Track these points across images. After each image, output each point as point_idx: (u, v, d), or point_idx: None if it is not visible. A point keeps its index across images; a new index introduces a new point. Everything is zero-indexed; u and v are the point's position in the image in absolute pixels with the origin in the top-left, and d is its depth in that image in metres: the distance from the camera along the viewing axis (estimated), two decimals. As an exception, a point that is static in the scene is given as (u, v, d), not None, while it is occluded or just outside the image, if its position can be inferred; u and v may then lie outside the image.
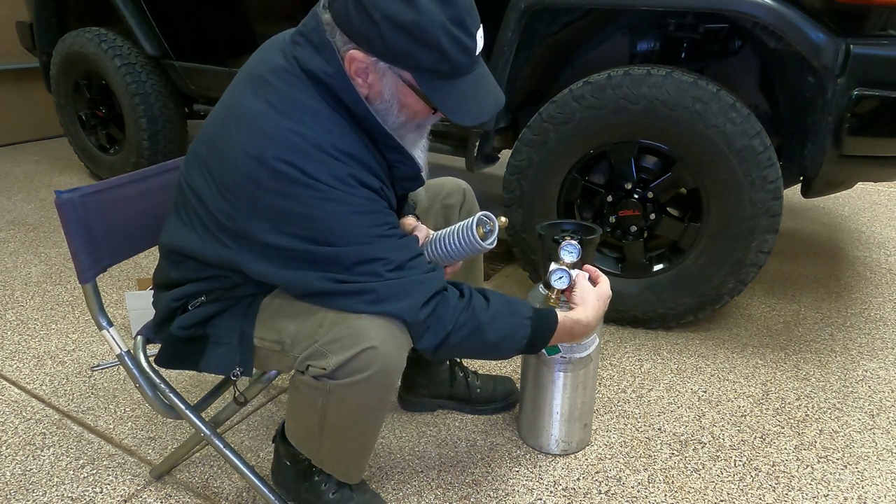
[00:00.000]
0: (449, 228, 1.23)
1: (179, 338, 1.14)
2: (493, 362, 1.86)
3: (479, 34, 0.98)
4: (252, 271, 1.04)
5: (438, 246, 1.23)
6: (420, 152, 1.13)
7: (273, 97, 0.99)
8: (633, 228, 1.95)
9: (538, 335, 1.13)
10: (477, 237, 1.19)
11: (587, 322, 1.20)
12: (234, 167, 0.99)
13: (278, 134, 0.96)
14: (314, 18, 1.00)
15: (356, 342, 0.99)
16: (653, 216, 1.93)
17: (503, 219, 1.24)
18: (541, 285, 1.44)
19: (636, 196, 1.92)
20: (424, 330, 1.04)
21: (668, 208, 1.95)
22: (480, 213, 1.21)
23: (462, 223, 1.22)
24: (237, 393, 1.28)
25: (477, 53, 0.98)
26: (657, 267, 1.98)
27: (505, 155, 2.25)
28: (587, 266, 1.31)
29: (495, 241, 1.23)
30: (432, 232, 1.28)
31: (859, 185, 3.59)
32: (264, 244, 1.00)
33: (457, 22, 0.92)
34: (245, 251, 1.03)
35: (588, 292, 1.24)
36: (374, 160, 1.03)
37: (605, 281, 1.28)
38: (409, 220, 1.31)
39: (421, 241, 1.24)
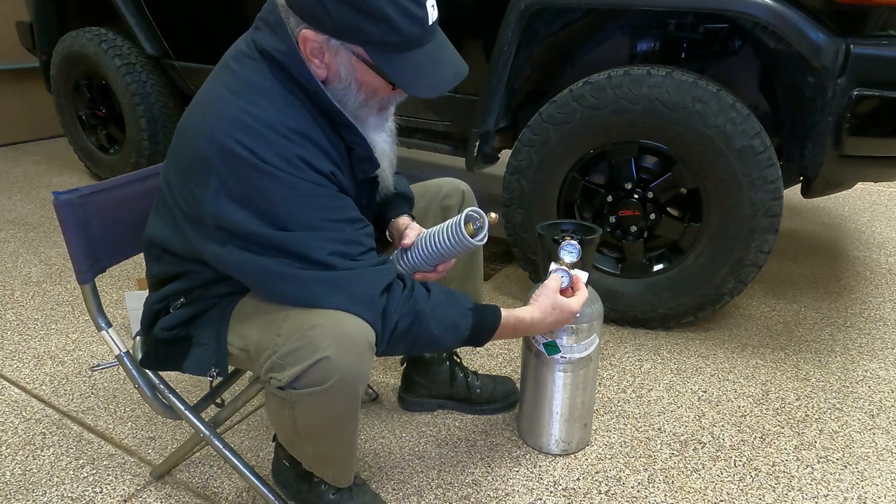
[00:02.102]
0: (438, 226, 1.21)
1: (163, 339, 1.14)
2: (493, 362, 1.86)
3: (431, 2, 0.96)
4: (211, 257, 1.04)
5: (428, 244, 1.21)
6: (385, 135, 1.11)
7: (229, 80, 1.00)
8: (633, 228, 1.95)
9: (480, 328, 1.13)
10: (466, 234, 1.17)
11: (531, 322, 1.21)
12: (190, 149, 1.00)
13: (228, 113, 0.96)
14: (270, 2, 1.01)
15: (310, 354, 0.97)
16: (653, 216, 1.93)
17: (493, 214, 1.21)
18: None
19: (636, 196, 1.92)
20: (380, 324, 1.02)
21: (668, 208, 1.95)
22: (469, 209, 1.19)
23: (451, 220, 1.20)
24: (216, 396, 1.29)
25: (430, 23, 0.97)
26: (657, 267, 1.98)
27: (505, 155, 2.25)
28: (576, 275, 1.30)
29: (485, 238, 1.21)
30: (423, 229, 1.27)
31: (859, 185, 3.59)
32: (217, 226, 0.99)
33: None
34: (204, 237, 1.03)
35: (546, 296, 1.24)
36: (329, 142, 1.02)
37: (580, 294, 1.29)
38: (404, 220, 1.30)
39: (412, 239, 1.23)
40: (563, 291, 1.29)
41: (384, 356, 1.40)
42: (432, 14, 0.97)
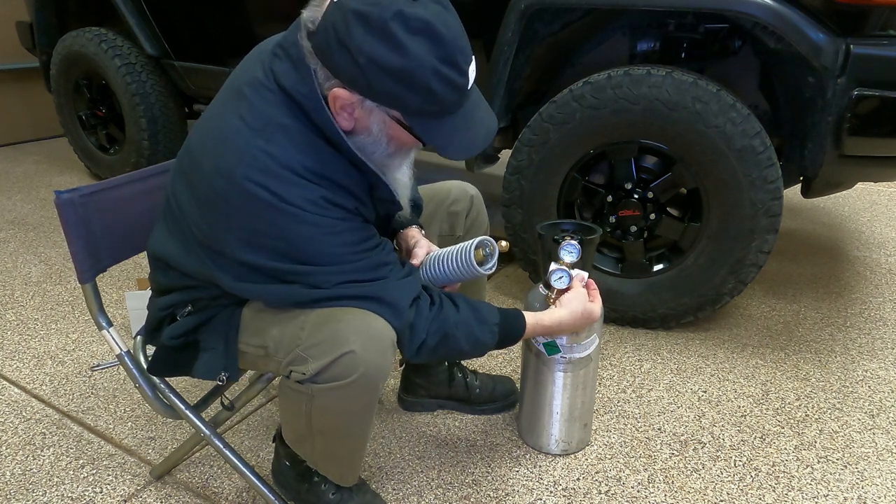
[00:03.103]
0: (448, 249, 1.22)
1: (171, 347, 1.14)
2: (493, 362, 1.86)
3: (472, 68, 0.94)
4: (230, 288, 1.04)
5: (435, 266, 1.23)
6: (406, 169, 1.11)
7: (247, 113, 0.96)
8: (633, 228, 1.95)
9: (505, 341, 1.18)
10: (474, 262, 1.19)
11: (554, 326, 1.24)
12: (207, 184, 0.98)
13: (248, 153, 0.94)
14: (294, 32, 0.96)
15: (335, 347, 0.97)
16: (653, 216, 1.93)
17: (504, 243, 1.25)
18: (541, 285, 1.44)
19: (636, 196, 1.92)
20: (408, 335, 1.05)
21: (668, 208, 1.95)
22: (480, 237, 1.20)
23: (462, 245, 1.21)
24: (226, 400, 1.29)
25: (469, 87, 0.95)
26: (657, 267, 1.98)
27: (505, 155, 2.25)
28: (590, 282, 1.33)
29: (494, 267, 1.23)
30: (434, 248, 1.27)
31: (859, 185, 3.59)
32: (240, 262, 1.00)
33: (448, 62, 0.88)
34: (222, 268, 1.03)
35: (576, 301, 1.27)
36: (351, 179, 1.00)
37: (599, 302, 1.32)
38: (412, 233, 1.30)
39: (420, 259, 1.24)
40: (563, 291, 1.29)
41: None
42: (472, 78, 0.95)
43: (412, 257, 1.25)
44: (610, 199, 1.94)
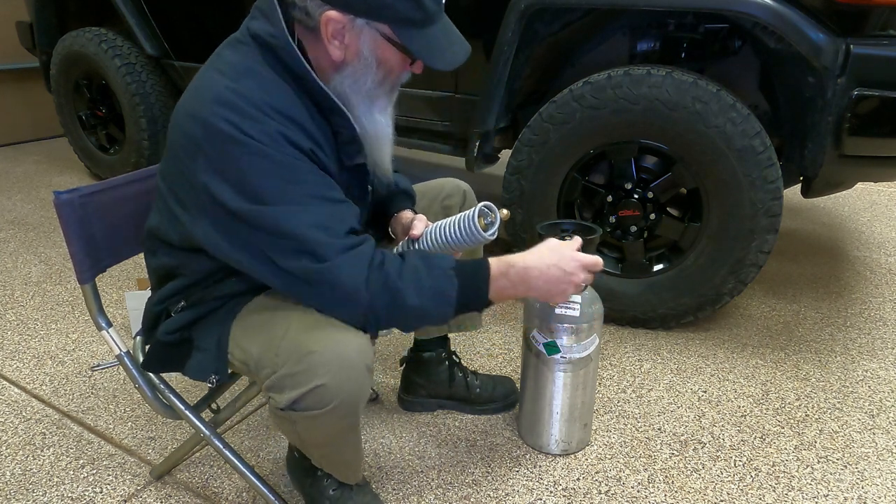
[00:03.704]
0: (450, 218, 1.22)
1: (165, 343, 1.14)
2: (493, 362, 1.86)
3: None
4: (202, 236, 1.03)
5: (439, 234, 1.21)
6: (388, 118, 1.12)
7: (221, 64, 1.03)
8: (633, 228, 1.95)
9: (470, 287, 1.04)
10: (478, 227, 1.17)
11: (524, 266, 1.06)
12: (179, 130, 1.02)
13: (215, 91, 0.98)
14: None
15: (307, 380, 0.97)
16: (653, 216, 1.93)
17: (504, 211, 1.22)
18: (541, 285, 1.44)
19: (636, 196, 1.92)
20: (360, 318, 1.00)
21: (668, 208, 1.95)
22: (482, 203, 1.20)
23: (464, 213, 1.20)
24: (214, 404, 1.29)
25: (441, 2, 1.03)
26: (657, 267, 1.98)
27: (505, 155, 2.25)
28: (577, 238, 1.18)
29: (496, 233, 1.21)
30: (430, 223, 1.26)
31: (859, 185, 3.59)
32: (210, 200, 1.00)
33: None
34: (195, 216, 1.03)
35: (552, 252, 1.10)
36: (315, 124, 1.03)
37: (575, 242, 1.14)
38: (408, 213, 1.30)
39: (420, 231, 1.23)
40: None
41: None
42: None
43: (412, 229, 1.24)
44: (610, 199, 1.94)
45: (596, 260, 1.11)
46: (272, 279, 1.01)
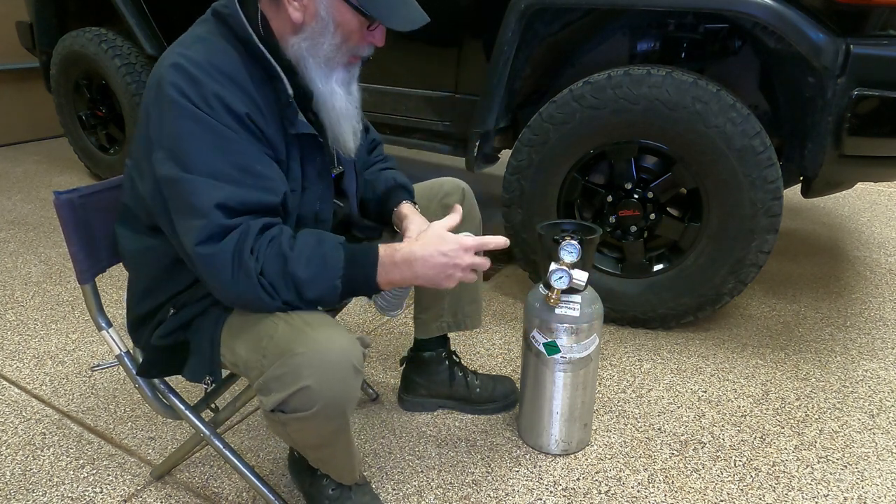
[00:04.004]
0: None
1: (160, 347, 1.14)
2: (493, 362, 1.86)
3: None
4: (150, 201, 1.06)
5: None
6: (347, 94, 1.12)
7: (182, 38, 1.08)
8: (633, 228, 1.95)
9: (356, 265, 1.02)
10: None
11: (410, 250, 1.04)
12: (143, 106, 1.06)
13: (168, 58, 1.02)
14: None
15: (291, 382, 0.97)
16: (653, 216, 1.93)
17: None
18: (541, 285, 1.44)
19: (636, 196, 1.92)
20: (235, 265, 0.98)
21: (668, 208, 1.95)
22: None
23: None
24: (212, 403, 1.29)
25: None
26: (657, 267, 1.98)
27: (505, 155, 2.25)
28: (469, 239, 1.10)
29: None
30: (426, 224, 1.23)
31: (859, 185, 3.59)
32: (153, 172, 1.03)
33: None
34: (145, 183, 1.06)
35: (437, 239, 1.06)
36: (255, 86, 1.04)
37: (451, 219, 1.13)
38: (405, 210, 1.30)
39: (414, 233, 1.20)
40: (563, 291, 1.29)
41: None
42: None
43: (405, 232, 1.23)
44: (610, 199, 1.94)
45: (481, 241, 1.07)
46: (181, 252, 1.04)
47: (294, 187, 1.09)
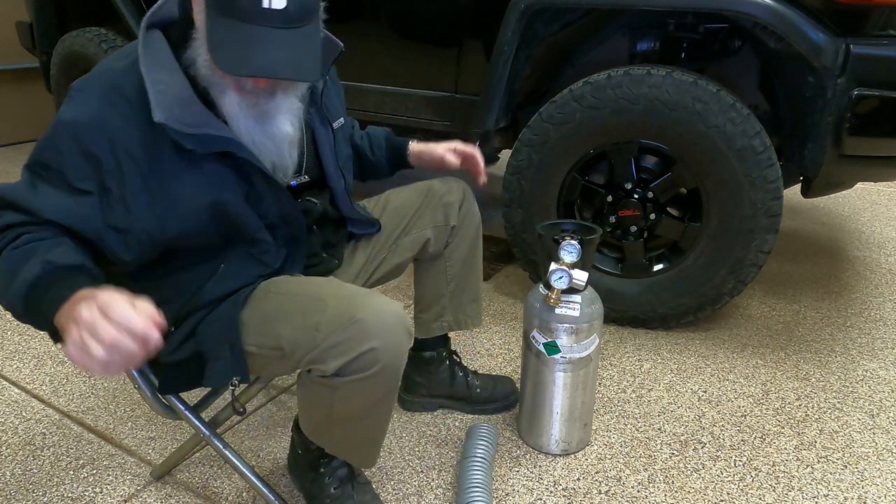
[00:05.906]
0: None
1: (175, 362, 1.12)
2: (493, 362, 1.86)
3: (288, 2, 0.92)
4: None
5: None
6: (239, 107, 1.02)
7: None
8: (633, 228, 1.95)
9: (43, 287, 0.87)
10: None
11: (85, 298, 0.81)
12: None
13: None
14: None
15: (357, 345, 0.99)
16: (653, 216, 1.93)
17: None
18: (541, 285, 1.44)
19: (636, 196, 1.92)
20: None
21: (668, 208, 1.95)
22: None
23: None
24: (236, 403, 1.27)
25: (271, 6, 0.92)
26: (657, 267, 1.98)
27: (505, 155, 2.25)
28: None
29: None
30: (420, 145, 1.49)
31: (859, 185, 3.59)
32: None
33: None
34: None
35: (87, 310, 0.78)
36: (129, 81, 1.04)
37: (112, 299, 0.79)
38: (413, 147, 1.52)
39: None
40: (563, 291, 1.29)
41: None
42: (279, 3, 0.92)
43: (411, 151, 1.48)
44: (610, 199, 1.94)
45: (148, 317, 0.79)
46: None
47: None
